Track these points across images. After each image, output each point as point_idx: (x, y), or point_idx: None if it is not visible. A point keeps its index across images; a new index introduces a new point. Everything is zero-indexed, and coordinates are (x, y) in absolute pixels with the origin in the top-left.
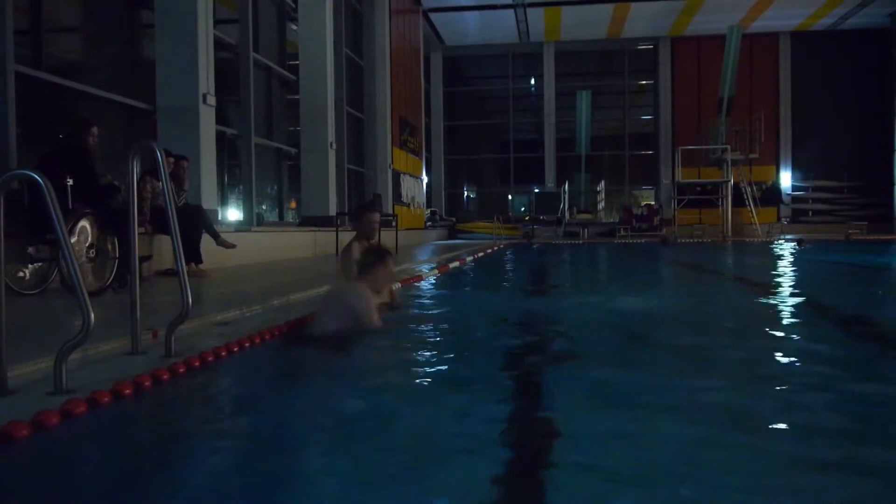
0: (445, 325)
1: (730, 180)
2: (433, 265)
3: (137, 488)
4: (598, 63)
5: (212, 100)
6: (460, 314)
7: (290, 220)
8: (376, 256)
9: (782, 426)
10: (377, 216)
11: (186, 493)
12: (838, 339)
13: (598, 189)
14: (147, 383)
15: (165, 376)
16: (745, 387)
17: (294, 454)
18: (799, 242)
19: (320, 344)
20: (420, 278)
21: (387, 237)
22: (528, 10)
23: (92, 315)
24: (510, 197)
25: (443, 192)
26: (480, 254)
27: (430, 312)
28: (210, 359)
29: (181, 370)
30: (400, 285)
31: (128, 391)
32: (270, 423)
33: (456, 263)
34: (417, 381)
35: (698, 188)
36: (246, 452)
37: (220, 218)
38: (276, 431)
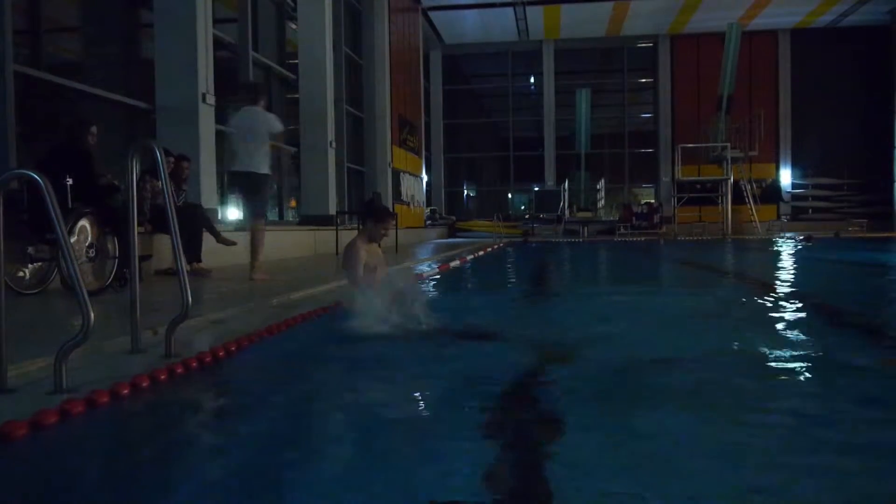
0: (444, 327)
1: (730, 178)
2: (433, 264)
3: (136, 488)
4: (598, 61)
5: (211, 99)
6: (459, 315)
7: (290, 219)
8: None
9: None
10: (392, 224)
11: (186, 491)
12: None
13: (598, 187)
14: (145, 383)
15: (163, 376)
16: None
17: (292, 454)
18: (807, 239)
19: (319, 342)
20: (420, 276)
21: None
22: (528, 8)
23: (92, 314)
24: (510, 195)
25: (442, 191)
26: (480, 252)
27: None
28: (208, 359)
29: (179, 370)
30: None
31: (126, 391)
32: (270, 423)
33: (457, 262)
34: (414, 390)
35: (698, 186)
36: (245, 452)
37: (219, 217)
38: (275, 431)
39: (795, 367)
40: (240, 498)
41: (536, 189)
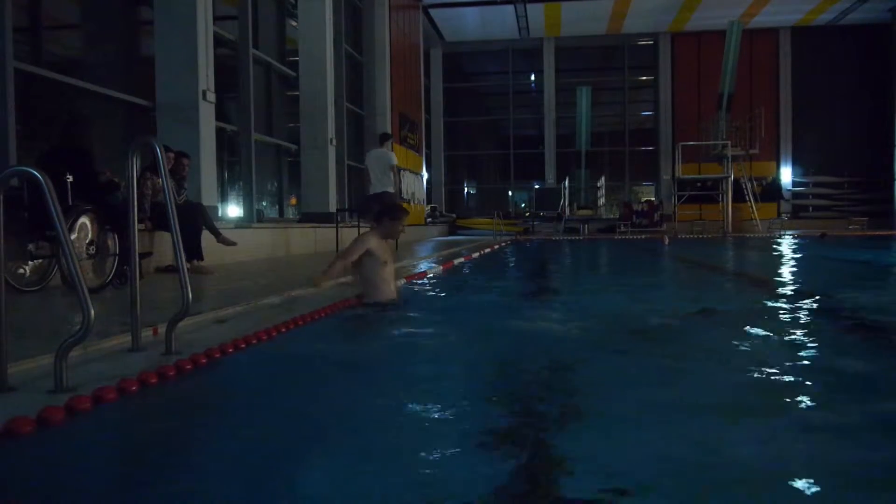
0: (446, 327)
1: (730, 176)
2: (435, 263)
3: (141, 486)
4: (599, 59)
5: (211, 96)
6: (462, 315)
7: (291, 217)
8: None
9: None
10: (404, 220)
11: (191, 490)
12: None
13: (599, 185)
14: (153, 380)
15: (171, 373)
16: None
17: (297, 453)
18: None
19: (322, 341)
20: (424, 275)
21: None
22: (528, 5)
23: (92, 312)
24: (510, 193)
25: (443, 189)
26: (487, 249)
27: (431, 314)
28: (216, 355)
29: (187, 367)
30: (405, 281)
31: (133, 388)
32: (275, 421)
33: (461, 259)
34: (418, 388)
35: (699, 184)
36: (252, 450)
37: (220, 215)
38: (280, 427)
39: None
40: (247, 492)
41: (537, 187)
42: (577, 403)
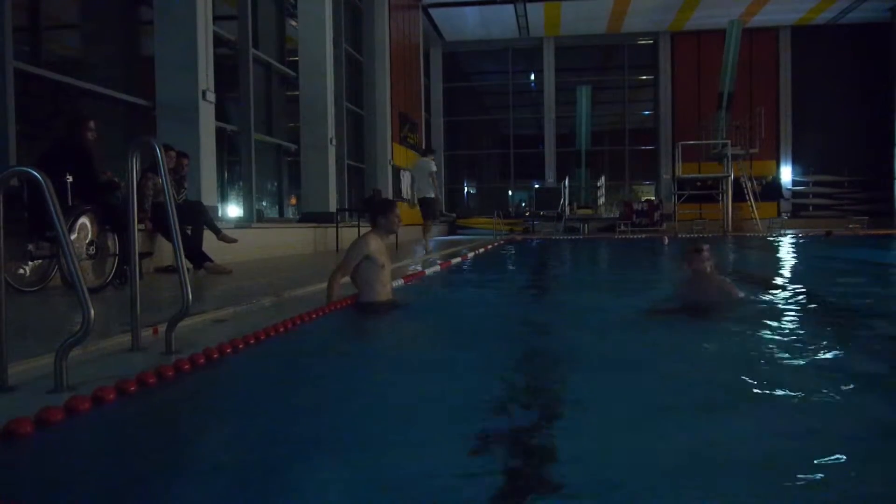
0: (445, 326)
1: (730, 175)
2: (434, 263)
3: (140, 486)
4: (599, 58)
5: (211, 96)
6: (460, 313)
7: (291, 217)
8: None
9: None
10: (398, 210)
11: (194, 490)
12: None
13: (599, 184)
14: (151, 380)
15: (170, 373)
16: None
17: (295, 452)
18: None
19: (320, 341)
20: (423, 274)
21: None
22: (528, 5)
23: (92, 312)
24: (510, 193)
25: (443, 188)
26: (482, 249)
27: (427, 313)
28: (215, 356)
29: (186, 367)
30: (403, 281)
31: (132, 388)
32: (275, 421)
33: (458, 259)
34: (416, 388)
35: (698, 183)
36: (250, 450)
37: (220, 214)
38: (281, 429)
39: None
40: (246, 492)
41: (537, 186)
42: (573, 404)
